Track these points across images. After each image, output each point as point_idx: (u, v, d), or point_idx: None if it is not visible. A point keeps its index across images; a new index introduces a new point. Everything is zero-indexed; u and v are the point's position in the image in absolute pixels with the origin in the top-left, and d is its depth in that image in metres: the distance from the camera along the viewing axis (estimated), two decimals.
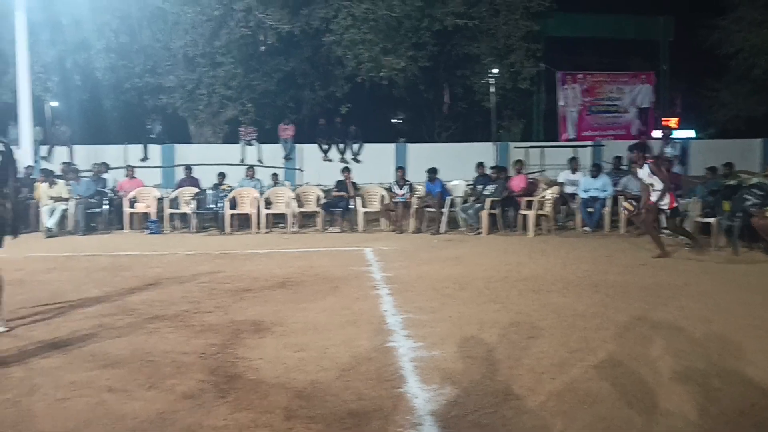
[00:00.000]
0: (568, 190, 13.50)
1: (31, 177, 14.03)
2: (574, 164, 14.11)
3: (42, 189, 13.11)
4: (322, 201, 13.71)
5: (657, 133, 21.30)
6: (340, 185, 13.85)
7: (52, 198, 12.87)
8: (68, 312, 6.17)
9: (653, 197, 9.37)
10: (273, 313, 6.11)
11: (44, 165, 15.44)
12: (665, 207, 9.42)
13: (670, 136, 18.20)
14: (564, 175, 14.07)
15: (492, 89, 21.58)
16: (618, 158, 14.98)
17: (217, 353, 4.87)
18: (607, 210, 12.66)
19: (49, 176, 13.32)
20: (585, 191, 12.97)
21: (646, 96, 22.80)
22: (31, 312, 6.14)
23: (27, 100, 15.18)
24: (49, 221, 12.59)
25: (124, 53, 18.12)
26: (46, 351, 4.89)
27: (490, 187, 12.91)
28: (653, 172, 9.41)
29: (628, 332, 5.33)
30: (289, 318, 5.91)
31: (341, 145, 18.22)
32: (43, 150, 16.97)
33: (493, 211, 12.53)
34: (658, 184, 9.36)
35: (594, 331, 5.33)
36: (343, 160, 17.68)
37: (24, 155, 14.78)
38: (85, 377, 4.32)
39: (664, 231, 10.31)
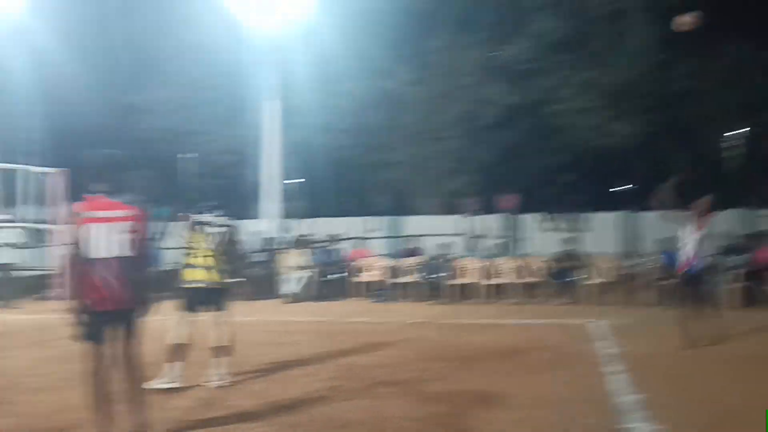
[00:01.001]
0: None
1: (276, 248, 15.36)
2: None
3: (285, 258, 14.27)
4: (547, 272, 13.34)
5: None
6: (565, 256, 13.40)
7: (291, 267, 13.94)
8: (304, 373, 6.52)
9: None
10: (499, 384, 5.96)
11: (285, 237, 16.85)
12: None
13: None
14: None
15: (736, 150, 19.88)
16: None
17: (442, 423, 4.82)
18: None
19: (291, 247, 14.48)
20: None
21: None
22: (271, 370, 6.59)
23: (274, 179, 16.82)
24: (289, 288, 13.61)
25: (358, 132, 19.52)
26: (286, 410, 5.17)
27: (737, 258, 11.70)
28: None
29: None
30: (516, 390, 5.72)
31: (565, 214, 17.76)
32: (286, 223, 18.55)
33: (743, 284, 11.31)
34: None
35: None
36: (566, 230, 17.17)
37: (268, 228, 16.33)
38: None
39: None
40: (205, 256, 5.93)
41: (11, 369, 6.86)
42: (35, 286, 15.31)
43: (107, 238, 4.26)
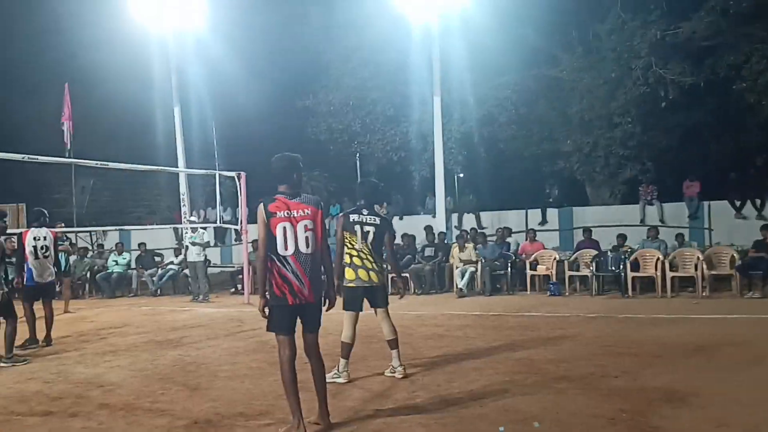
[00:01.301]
0: None
1: (445, 242, 15.55)
2: None
3: (454, 253, 14.40)
4: (738, 263, 12.37)
5: None
6: (760, 245, 12.35)
7: (462, 261, 14.04)
8: (478, 366, 6.57)
9: None
10: (687, 382, 5.66)
11: (455, 232, 16.99)
12: None
13: None
14: None
15: None
16: None
17: (629, 420, 4.67)
18: None
19: (460, 241, 14.59)
20: None
21: None
22: (444, 363, 6.71)
23: (441, 174, 17.04)
24: (460, 282, 13.73)
25: (522, 123, 19.23)
26: (465, 403, 5.26)
27: None
28: None
29: None
30: (706, 389, 5.40)
31: (758, 201, 16.31)
32: (454, 218, 18.69)
33: None
34: None
35: None
36: (760, 217, 15.78)
37: (438, 223, 16.57)
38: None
39: None
40: (361, 255, 5.99)
41: (208, 358, 7.51)
42: (223, 282, 16.70)
43: (294, 235, 4.55)
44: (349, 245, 6.01)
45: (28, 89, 23.79)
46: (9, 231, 9.51)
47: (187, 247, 14.88)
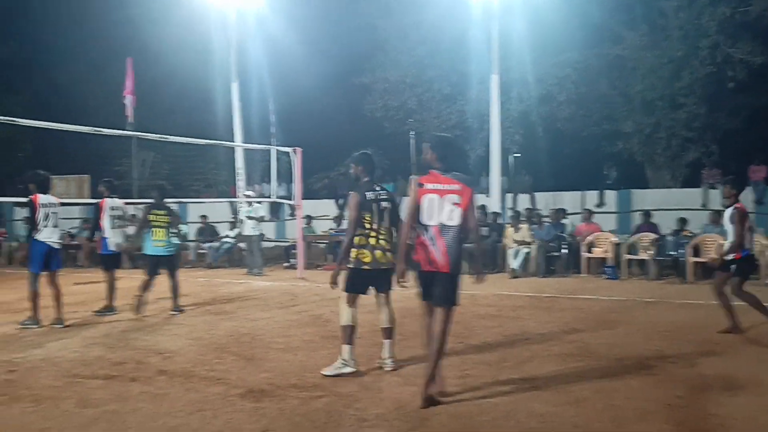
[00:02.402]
0: None
1: (498, 222, 15.40)
2: None
3: (508, 233, 14.27)
4: None
5: None
6: None
7: (516, 242, 13.90)
8: (534, 348, 6.52)
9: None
10: (747, 369, 5.51)
11: (510, 212, 16.82)
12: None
13: None
14: None
15: None
16: None
17: (685, 406, 4.58)
18: None
19: (514, 221, 14.44)
20: None
21: None
22: (496, 344, 6.68)
23: (497, 153, 16.86)
24: (514, 263, 13.61)
25: (582, 103, 18.84)
26: (517, 383, 5.23)
27: None
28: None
29: None
30: (767, 377, 5.25)
31: None
32: (509, 198, 18.49)
33: None
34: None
35: None
36: None
37: (493, 202, 16.42)
38: (552, 411, 4.50)
39: None
40: (378, 235, 5.57)
41: (263, 331, 7.64)
42: (277, 256, 16.93)
43: (440, 208, 4.77)
44: (367, 225, 5.54)
45: (92, 64, 24.49)
46: (82, 201, 9.90)
47: (242, 221, 15.12)
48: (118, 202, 9.35)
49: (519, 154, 21.21)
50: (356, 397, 4.87)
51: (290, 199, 15.91)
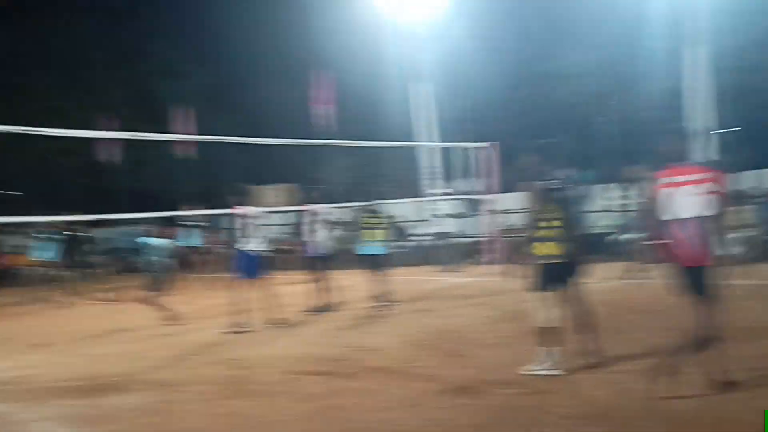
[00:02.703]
0: None
1: None
2: None
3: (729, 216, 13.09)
4: None
5: None
6: None
7: (730, 225, 12.72)
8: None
9: None
10: None
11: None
12: None
13: None
14: None
15: None
16: None
17: None
18: None
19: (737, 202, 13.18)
20: None
21: None
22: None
23: (707, 130, 15.53)
24: (728, 248, 12.45)
25: None
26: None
27: None
28: None
29: None
30: None
31: None
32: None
33: None
34: None
35: None
36: None
37: None
38: None
39: None
40: (554, 227, 5.35)
41: (465, 327, 7.72)
42: (471, 252, 16.95)
43: (685, 200, 4.67)
44: (546, 217, 5.37)
45: (291, 78, 26.16)
46: (291, 208, 10.63)
47: (437, 218, 15.35)
48: (323, 207, 9.89)
49: (737, 128, 19.32)
50: (559, 395, 4.77)
51: (486, 195, 15.89)
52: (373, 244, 9.48)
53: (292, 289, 10.32)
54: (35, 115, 21.84)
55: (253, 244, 8.58)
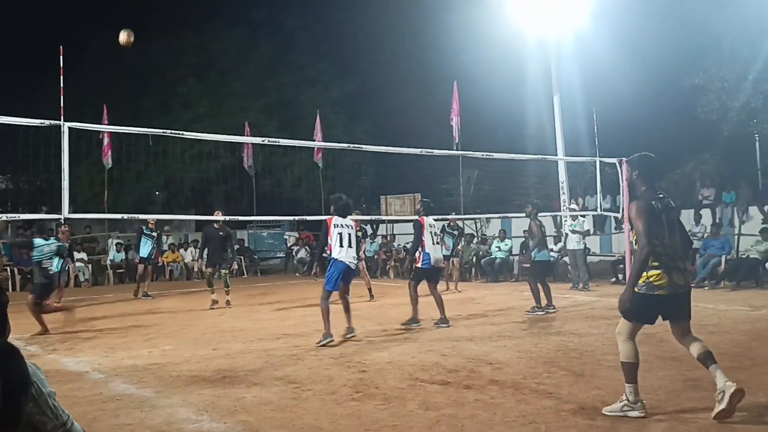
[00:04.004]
0: None
1: None
2: None
3: None
4: None
5: None
6: None
7: None
8: None
9: None
10: None
11: None
12: None
13: None
14: None
15: None
16: None
17: None
18: None
19: None
20: None
21: None
22: None
23: None
24: None
25: None
26: None
27: None
28: None
29: None
30: None
31: None
32: None
33: None
34: None
35: None
36: None
37: None
38: None
39: None
40: (669, 251, 4.70)
41: (591, 346, 7.44)
42: (603, 271, 16.34)
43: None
44: (655, 240, 4.65)
45: (420, 89, 26.51)
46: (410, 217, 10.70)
47: (566, 235, 14.95)
48: (432, 220, 9.75)
49: None
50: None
51: (616, 212, 15.30)
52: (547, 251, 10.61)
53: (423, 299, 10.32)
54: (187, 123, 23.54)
55: (343, 255, 8.34)
